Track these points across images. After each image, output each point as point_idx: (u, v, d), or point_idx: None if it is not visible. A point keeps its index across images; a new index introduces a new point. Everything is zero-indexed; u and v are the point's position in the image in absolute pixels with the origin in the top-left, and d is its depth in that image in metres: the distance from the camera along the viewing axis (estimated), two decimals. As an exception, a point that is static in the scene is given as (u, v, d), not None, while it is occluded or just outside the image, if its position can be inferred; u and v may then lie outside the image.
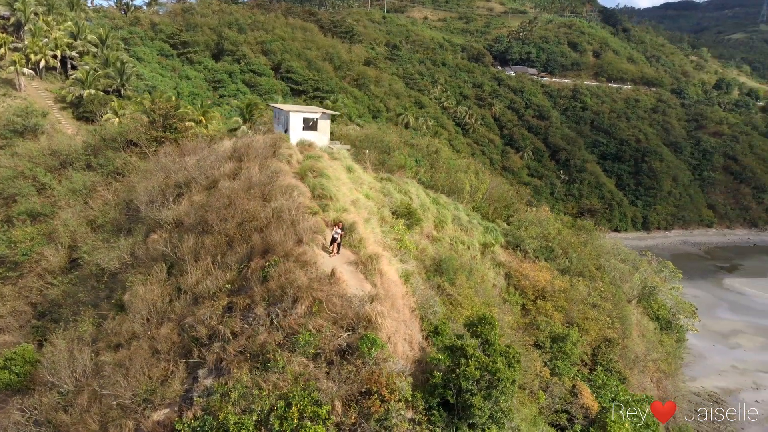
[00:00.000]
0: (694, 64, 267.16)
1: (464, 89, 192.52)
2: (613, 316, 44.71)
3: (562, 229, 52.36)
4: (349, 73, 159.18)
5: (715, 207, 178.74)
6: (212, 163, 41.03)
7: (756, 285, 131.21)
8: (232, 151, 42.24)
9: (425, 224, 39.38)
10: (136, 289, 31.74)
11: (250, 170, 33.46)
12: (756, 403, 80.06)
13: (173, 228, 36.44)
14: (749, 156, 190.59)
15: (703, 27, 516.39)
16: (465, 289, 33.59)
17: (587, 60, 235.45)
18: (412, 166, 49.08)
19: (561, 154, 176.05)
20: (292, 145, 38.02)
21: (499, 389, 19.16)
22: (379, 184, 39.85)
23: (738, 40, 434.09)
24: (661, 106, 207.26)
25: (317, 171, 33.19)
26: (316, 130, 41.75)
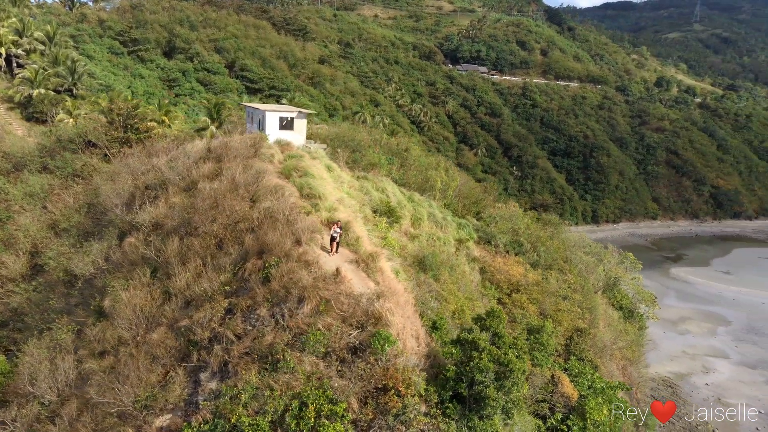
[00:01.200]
0: (636, 63, 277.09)
1: (418, 87, 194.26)
2: (583, 307, 46.30)
3: (530, 223, 53.86)
4: (303, 72, 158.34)
5: (659, 200, 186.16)
6: (187, 163, 40.37)
7: (699, 273, 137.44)
8: (206, 151, 41.65)
9: (404, 222, 39.87)
10: (118, 295, 31.01)
11: (233, 171, 33.13)
12: (706, 386, 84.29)
13: (151, 231, 35.74)
14: (689, 150, 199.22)
15: (641, 26, 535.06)
16: (449, 285, 34.27)
17: (535, 58, 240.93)
18: (386, 165, 49.58)
19: (513, 150, 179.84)
20: (273, 144, 37.85)
21: (511, 380, 19.81)
22: (358, 183, 40.11)
23: (674, 39, 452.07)
24: (607, 103, 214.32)
25: (301, 170, 33.18)
26: (292, 130, 41.58)
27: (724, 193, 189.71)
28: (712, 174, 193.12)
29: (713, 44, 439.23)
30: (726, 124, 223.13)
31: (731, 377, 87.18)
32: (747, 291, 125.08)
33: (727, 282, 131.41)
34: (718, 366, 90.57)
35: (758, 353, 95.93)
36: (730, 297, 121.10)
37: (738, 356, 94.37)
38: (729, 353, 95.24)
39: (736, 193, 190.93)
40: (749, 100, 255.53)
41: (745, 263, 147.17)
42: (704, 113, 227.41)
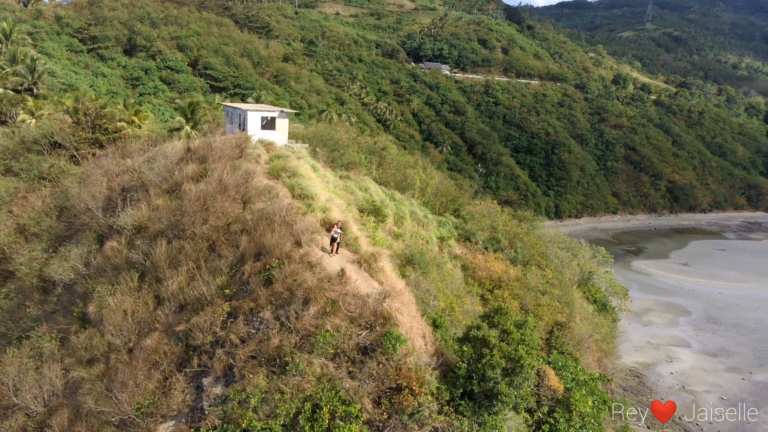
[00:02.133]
0: (593, 61, 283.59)
1: (382, 85, 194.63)
2: (561, 301, 47.30)
3: (507, 220, 54.69)
4: (268, 70, 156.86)
5: (619, 195, 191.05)
6: (167, 165, 39.64)
7: (659, 266, 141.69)
8: (185, 152, 41.00)
9: (388, 221, 40.02)
10: (104, 300, 30.29)
11: (219, 172, 32.70)
12: (670, 375, 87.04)
13: (134, 234, 34.99)
14: (646, 146, 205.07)
15: (596, 25, 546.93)
16: (437, 282, 34.59)
17: (497, 56, 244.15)
18: (366, 164, 49.62)
19: (477, 148, 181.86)
20: (259, 145, 37.48)
21: (521, 376, 20.20)
22: (341, 182, 40.07)
23: (628, 37, 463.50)
24: (567, 100, 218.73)
25: (290, 171, 32.96)
26: (274, 129, 41.23)
27: (680, 187, 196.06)
28: (668, 169, 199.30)
29: (665, 43, 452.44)
30: (680, 121, 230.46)
31: (693, 365, 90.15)
32: (704, 282, 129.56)
33: (686, 273, 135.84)
34: (680, 355, 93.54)
35: (717, 341, 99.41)
36: (689, 288, 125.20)
37: (699, 345, 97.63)
38: (690, 342, 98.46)
39: (691, 187, 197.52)
40: (701, 98, 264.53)
41: (701, 255, 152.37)
42: (659, 110, 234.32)
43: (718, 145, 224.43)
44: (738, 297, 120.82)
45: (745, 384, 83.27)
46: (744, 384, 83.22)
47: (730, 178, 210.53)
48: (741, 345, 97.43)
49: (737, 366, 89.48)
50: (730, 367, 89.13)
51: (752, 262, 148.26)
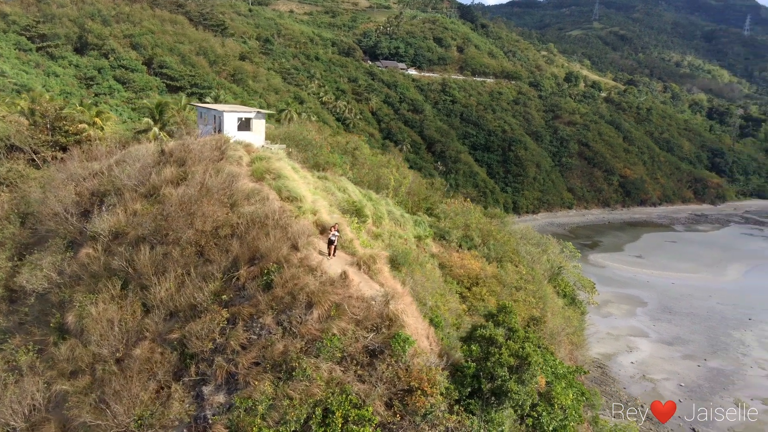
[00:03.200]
0: (546, 59, 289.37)
1: (340, 84, 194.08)
2: (535, 296, 48.32)
3: (480, 218, 55.45)
4: (225, 68, 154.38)
5: (574, 190, 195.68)
6: (141, 168, 38.63)
7: (615, 259, 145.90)
8: (159, 154, 40.06)
9: (368, 221, 40.05)
10: (86, 309, 29.35)
11: (200, 175, 32.06)
12: (631, 364, 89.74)
13: (111, 240, 33.99)
14: (599, 142, 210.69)
15: (546, 24, 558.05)
16: (423, 282, 34.82)
17: (452, 55, 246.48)
18: (341, 164, 49.48)
19: (437, 146, 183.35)
20: (240, 146, 36.90)
21: (529, 373, 20.59)
22: (321, 183, 39.86)
23: (576, 36, 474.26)
24: (522, 98, 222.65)
25: (274, 173, 32.60)
26: (250, 130, 40.68)
27: (631, 182, 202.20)
28: (620, 164, 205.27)
29: (612, 41, 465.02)
30: (629, 117, 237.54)
31: (652, 354, 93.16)
32: (658, 273, 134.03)
33: (640, 265, 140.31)
34: (639, 345, 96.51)
35: (673, 330, 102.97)
36: (644, 279, 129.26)
37: (656, 334, 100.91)
38: (648, 332, 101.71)
39: (641, 181, 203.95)
40: (648, 95, 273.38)
41: (654, 247, 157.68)
42: (610, 107, 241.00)
43: (666, 140, 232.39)
44: (690, 287, 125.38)
45: (701, 371, 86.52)
46: (700, 371, 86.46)
47: (678, 173, 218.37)
48: (695, 333, 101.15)
49: (692, 353, 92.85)
50: (686, 354, 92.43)
51: (701, 253, 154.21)
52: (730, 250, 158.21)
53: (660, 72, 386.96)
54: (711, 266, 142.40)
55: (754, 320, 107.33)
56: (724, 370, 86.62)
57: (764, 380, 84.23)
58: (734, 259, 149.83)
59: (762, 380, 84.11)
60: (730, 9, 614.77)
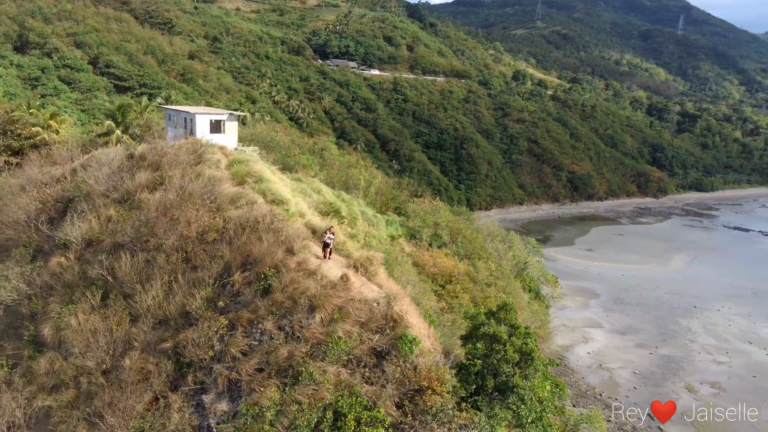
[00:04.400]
0: (493, 58, 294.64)
1: (292, 83, 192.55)
2: (506, 292, 49.37)
3: (449, 216, 56.16)
4: (174, 68, 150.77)
5: (524, 186, 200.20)
6: (109, 173, 37.53)
7: (567, 252, 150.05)
8: (128, 159, 39.01)
9: (346, 222, 40.05)
10: (64, 321, 28.36)
11: (179, 179, 31.40)
12: (588, 355, 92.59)
13: (84, 248, 32.92)
14: (547, 139, 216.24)
15: (490, 23, 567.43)
16: (404, 281, 35.10)
17: (402, 54, 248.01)
18: (313, 165, 49.21)
19: (390, 144, 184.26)
20: (217, 149, 36.23)
21: (533, 367, 21.13)
22: (297, 185, 39.59)
23: (521, 35, 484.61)
24: (472, 96, 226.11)
25: (255, 176, 32.21)
26: (223, 132, 39.99)
27: (579, 177, 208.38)
28: (568, 160, 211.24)
29: (554, 40, 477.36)
30: (575, 115, 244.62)
31: (607, 344, 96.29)
32: (608, 266, 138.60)
33: (591, 258, 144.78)
34: (594, 335, 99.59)
35: (625, 321, 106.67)
36: (595, 272, 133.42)
37: (609, 325, 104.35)
38: (602, 323, 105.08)
39: (588, 176, 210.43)
40: (591, 92, 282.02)
41: (603, 240, 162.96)
42: (556, 104, 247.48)
43: (610, 136, 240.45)
44: (638, 278, 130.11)
45: (653, 358, 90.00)
46: (652, 358, 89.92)
47: (622, 168, 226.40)
48: (645, 322, 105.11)
49: (644, 342, 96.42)
50: (639, 343, 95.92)
51: (646, 245, 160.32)
52: (673, 242, 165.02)
53: (601, 70, 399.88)
54: (656, 257, 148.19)
55: (698, 308, 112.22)
56: (675, 357, 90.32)
57: (711, 365, 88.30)
58: (677, 250, 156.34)
59: (709, 365, 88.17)
60: (664, 9, 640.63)
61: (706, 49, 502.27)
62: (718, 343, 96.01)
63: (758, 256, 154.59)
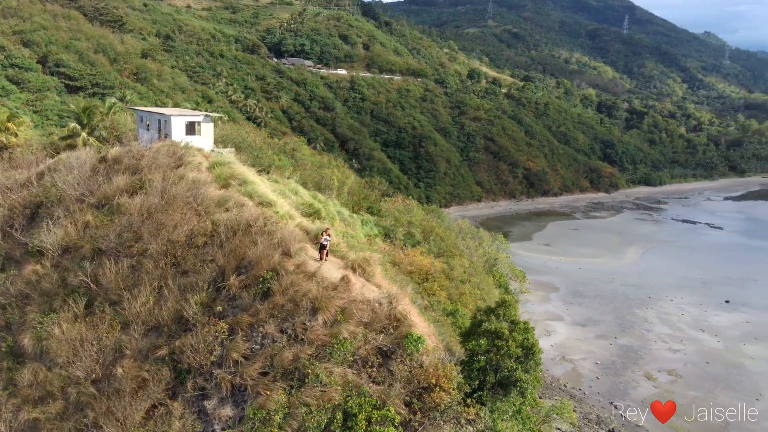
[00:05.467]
0: (448, 56, 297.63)
1: (248, 82, 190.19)
2: (479, 288, 50.22)
3: (421, 215, 56.66)
4: (126, 67, 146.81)
5: (482, 183, 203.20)
6: (82, 177, 36.47)
7: (525, 247, 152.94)
8: (100, 162, 38.00)
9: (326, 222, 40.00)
10: (47, 330, 27.51)
11: (160, 183, 30.81)
12: (551, 347, 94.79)
13: (61, 255, 31.95)
14: (503, 137, 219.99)
15: (443, 22, 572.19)
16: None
17: (358, 52, 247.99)
18: (287, 166, 48.83)
19: (349, 143, 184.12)
20: (197, 152, 35.62)
21: (534, 361, 21.69)
22: (276, 187, 39.29)
23: (473, 34, 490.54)
24: (429, 95, 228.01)
25: (239, 178, 31.87)
26: (199, 134, 39.34)
27: (534, 173, 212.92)
28: (523, 157, 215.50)
29: (506, 39, 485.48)
30: (529, 112, 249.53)
31: (568, 336, 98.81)
32: (566, 260, 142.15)
33: (549, 253, 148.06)
34: (556, 328, 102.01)
35: (585, 313, 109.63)
36: (554, 266, 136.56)
37: (570, 318, 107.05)
38: (563, 316, 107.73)
39: (543, 173, 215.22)
40: (544, 90, 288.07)
41: (559, 235, 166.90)
42: (511, 103, 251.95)
43: (563, 133, 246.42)
44: (594, 271, 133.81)
45: (613, 348, 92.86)
46: (612, 348, 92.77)
47: (575, 164, 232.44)
48: (604, 314, 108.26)
49: (604, 333, 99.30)
50: (599, 334, 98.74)
51: (601, 239, 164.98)
52: (626, 235, 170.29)
53: (552, 68, 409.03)
54: (611, 251, 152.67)
55: (653, 299, 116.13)
56: (633, 347, 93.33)
57: (667, 353, 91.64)
58: (630, 243, 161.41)
59: (665, 353, 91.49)
60: (610, 9, 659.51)
61: (650, 48, 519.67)
62: (673, 332, 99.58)
63: (705, 247, 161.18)
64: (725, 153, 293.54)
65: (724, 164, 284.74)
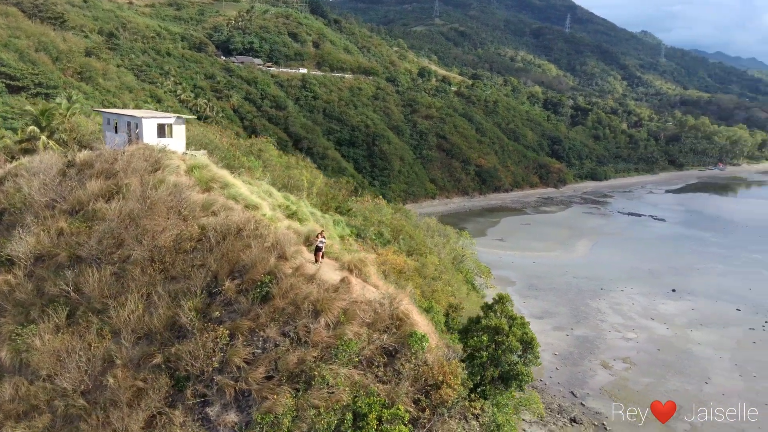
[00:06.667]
0: (398, 55, 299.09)
1: (197, 81, 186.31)
2: (450, 285, 51.00)
3: (391, 214, 57.00)
4: (70, 65, 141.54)
5: (436, 181, 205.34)
6: (49, 182, 35.22)
7: (481, 243, 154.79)
8: (67, 167, 36.79)
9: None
10: (26, 342, 26.54)
11: (141, 187, 30.11)
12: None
13: (33, 264, 30.83)
14: (455, 135, 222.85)
15: (390, 20, 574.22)
16: (369, 281, 35.61)
17: (308, 51, 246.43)
18: (257, 168, 48.25)
19: (303, 142, 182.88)
20: (175, 155, 34.85)
21: (533, 354, 22.33)
22: (252, 189, 38.88)
23: (421, 32, 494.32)
24: (381, 93, 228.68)
25: (220, 181, 31.43)
26: (171, 137, 38.52)
27: (486, 170, 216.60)
28: (475, 154, 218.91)
29: (453, 37, 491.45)
30: (479, 110, 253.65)
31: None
32: (520, 254, 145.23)
33: (503, 248, 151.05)
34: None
35: (541, 306, 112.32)
36: (508, 261, 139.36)
37: (527, 311, 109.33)
38: (520, 309, 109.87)
39: (494, 170, 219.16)
40: (492, 88, 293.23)
41: (512, 230, 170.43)
42: (461, 100, 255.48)
43: (512, 130, 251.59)
44: (548, 265, 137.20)
45: (570, 339, 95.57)
46: (569, 339, 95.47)
47: (525, 160, 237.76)
48: (559, 306, 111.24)
49: (560, 325, 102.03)
50: (555, 326, 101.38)
51: (552, 233, 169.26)
52: (576, 229, 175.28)
53: (498, 66, 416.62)
54: (562, 244, 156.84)
55: (604, 290, 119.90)
56: (588, 337, 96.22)
57: (621, 342, 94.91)
58: (580, 236, 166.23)
59: (619, 342, 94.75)
60: (552, 8, 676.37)
61: (591, 47, 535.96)
62: (625, 321, 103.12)
63: (651, 238, 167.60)
64: (665, 148, 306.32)
65: (664, 158, 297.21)
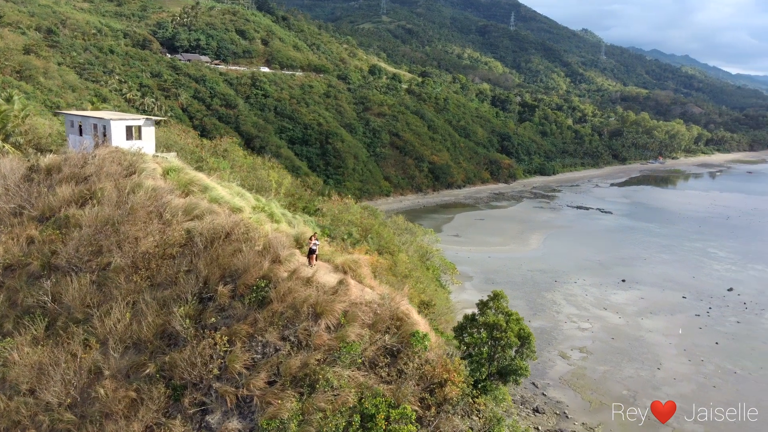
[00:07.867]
0: (348, 52, 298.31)
1: (143, 79, 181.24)
2: (420, 282, 51.47)
3: (359, 213, 57.00)
4: (8, 64, 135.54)
5: (390, 178, 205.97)
6: (11, 188, 33.71)
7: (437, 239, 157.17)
8: (30, 171, 35.31)
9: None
10: (5, 356, 25.37)
11: (116, 192, 29.16)
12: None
13: (2, 275, 29.47)
14: (408, 132, 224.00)
15: (337, 17, 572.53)
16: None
17: (257, 48, 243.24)
18: (225, 169, 47.32)
19: (255, 141, 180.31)
20: (150, 158, 33.80)
21: (530, 349, 22.77)
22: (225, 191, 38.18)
23: (369, 29, 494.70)
24: (332, 91, 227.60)
25: (199, 184, 30.72)
26: (140, 139, 37.38)
27: (439, 167, 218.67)
28: (428, 152, 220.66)
29: (401, 35, 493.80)
30: (430, 107, 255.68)
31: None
32: (475, 249, 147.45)
33: (459, 243, 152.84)
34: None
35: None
36: (465, 256, 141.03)
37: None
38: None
39: (447, 166, 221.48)
40: (442, 86, 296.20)
41: (467, 225, 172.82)
42: (412, 98, 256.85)
43: (463, 127, 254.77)
44: (503, 259, 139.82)
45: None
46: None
47: (476, 156, 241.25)
48: (517, 299, 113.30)
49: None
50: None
51: (505, 227, 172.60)
52: (527, 223, 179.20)
53: (446, 64, 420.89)
54: (515, 238, 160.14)
55: (558, 282, 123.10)
56: (546, 328, 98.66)
57: (577, 332, 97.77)
58: (532, 230, 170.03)
59: (575, 332, 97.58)
60: (497, 6, 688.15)
61: (535, 44, 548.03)
62: (579, 311, 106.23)
63: (599, 230, 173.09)
64: (608, 142, 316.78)
65: (608, 153, 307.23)
